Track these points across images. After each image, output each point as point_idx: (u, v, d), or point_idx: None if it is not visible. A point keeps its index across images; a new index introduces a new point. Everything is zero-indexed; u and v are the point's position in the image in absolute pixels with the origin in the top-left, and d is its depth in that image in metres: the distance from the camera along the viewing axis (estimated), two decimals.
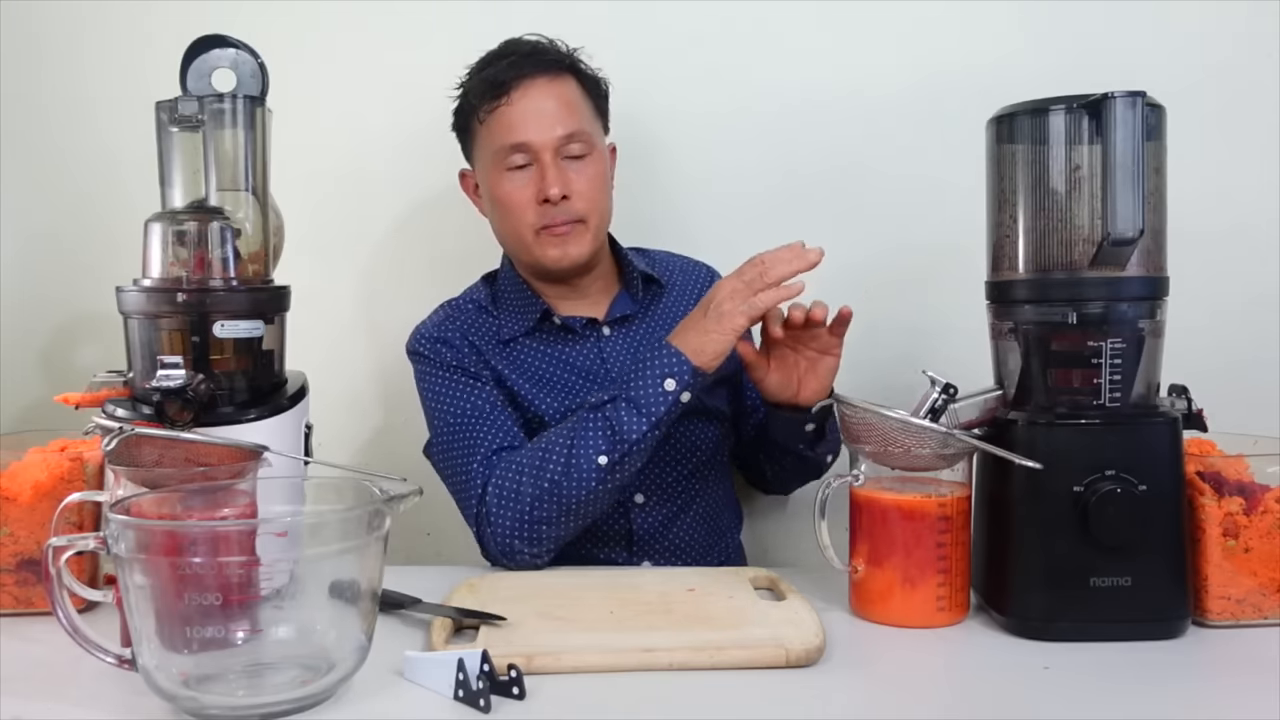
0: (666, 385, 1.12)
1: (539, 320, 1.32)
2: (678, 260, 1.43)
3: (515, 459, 1.17)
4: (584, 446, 1.13)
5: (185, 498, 0.84)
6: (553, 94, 1.27)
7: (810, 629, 0.88)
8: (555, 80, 1.27)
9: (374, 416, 1.60)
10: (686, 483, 1.30)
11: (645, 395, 1.12)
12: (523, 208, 1.27)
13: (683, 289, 1.39)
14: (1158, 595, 0.91)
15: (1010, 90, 1.00)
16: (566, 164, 1.26)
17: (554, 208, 1.25)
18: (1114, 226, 0.90)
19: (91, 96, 1.56)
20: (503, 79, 1.26)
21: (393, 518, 0.80)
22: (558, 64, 1.29)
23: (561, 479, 1.13)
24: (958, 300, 1.23)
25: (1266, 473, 0.96)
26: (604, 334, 1.33)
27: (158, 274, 1.02)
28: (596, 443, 1.13)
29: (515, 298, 1.34)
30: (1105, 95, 0.90)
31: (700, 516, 1.32)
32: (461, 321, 1.33)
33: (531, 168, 1.26)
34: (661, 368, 1.13)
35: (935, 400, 0.97)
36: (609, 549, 1.29)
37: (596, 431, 1.13)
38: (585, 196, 1.27)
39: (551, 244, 1.27)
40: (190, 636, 0.74)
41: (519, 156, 1.26)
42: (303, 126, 1.36)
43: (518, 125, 1.25)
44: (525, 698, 0.78)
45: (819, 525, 0.97)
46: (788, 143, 1.55)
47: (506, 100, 1.25)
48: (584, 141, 1.27)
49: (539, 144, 1.25)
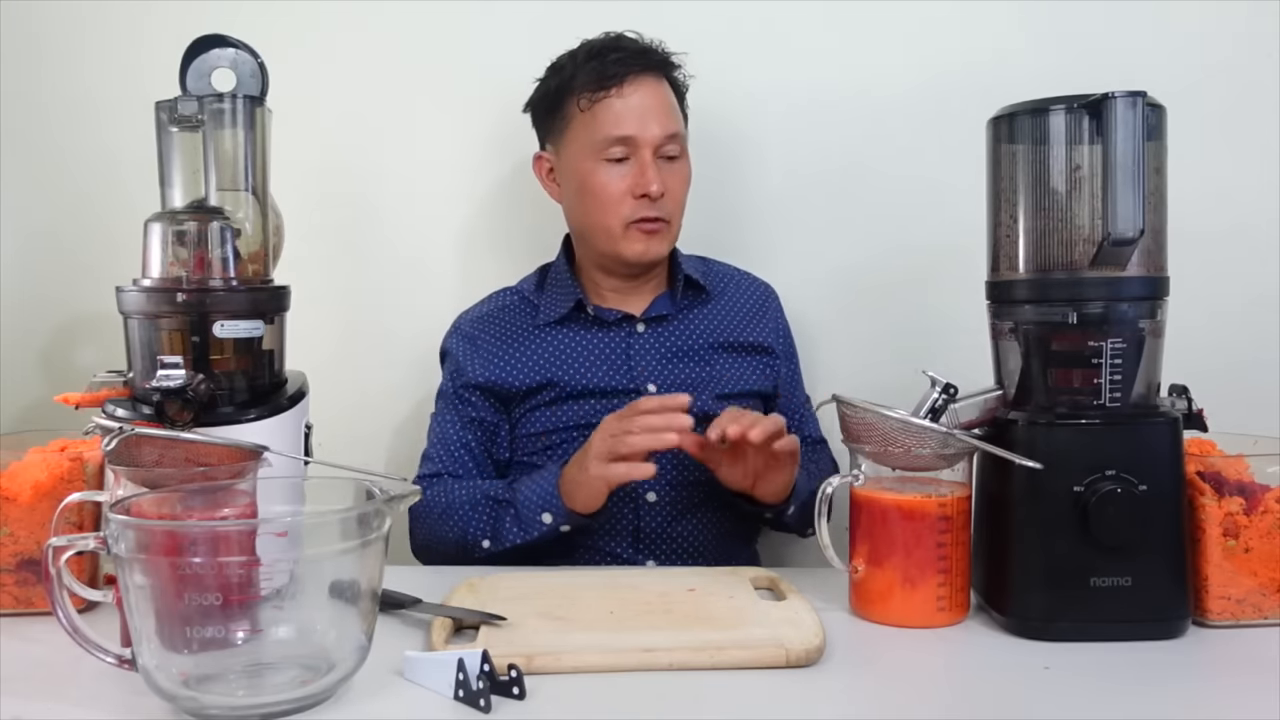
0: (544, 518, 1.19)
1: (572, 309, 1.34)
2: (735, 274, 1.46)
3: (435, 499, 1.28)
4: (474, 528, 1.23)
5: (185, 498, 0.84)
6: (659, 93, 1.31)
7: (810, 629, 0.88)
8: (660, 81, 1.32)
9: (374, 416, 1.60)
10: (701, 487, 1.30)
11: (526, 517, 1.20)
12: (617, 200, 1.29)
13: (731, 301, 1.41)
14: (1158, 595, 0.91)
15: (1010, 90, 1.00)
16: (662, 164, 1.30)
17: (650, 203, 1.28)
18: (1114, 226, 0.90)
19: (91, 96, 1.56)
20: (614, 71, 1.28)
21: (393, 518, 0.80)
22: (661, 66, 1.33)
23: (453, 542, 1.24)
24: (958, 300, 1.23)
25: (1266, 473, 0.96)
26: (638, 330, 1.35)
27: (158, 274, 1.02)
28: (483, 528, 1.23)
29: (558, 286, 1.38)
30: (1106, 95, 0.90)
31: (709, 521, 1.32)
32: (500, 317, 1.38)
33: (629, 161, 1.29)
34: (542, 498, 1.19)
35: (935, 400, 0.97)
36: (614, 542, 1.29)
37: (486, 522, 1.23)
38: (675, 197, 1.32)
39: (639, 239, 1.30)
40: (190, 636, 0.74)
41: (619, 149, 1.29)
42: (303, 126, 1.36)
43: (625, 118, 1.28)
44: (525, 698, 0.78)
45: (819, 525, 0.97)
46: (789, 143, 1.55)
47: (617, 93, 1.28)
48: (679, 143, 1.32)
49: (643, 140, 1.28)
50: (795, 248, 1.56)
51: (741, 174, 1.55)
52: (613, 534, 1.29)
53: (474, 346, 1.36)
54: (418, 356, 1.59)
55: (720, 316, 1.39)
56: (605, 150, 1.29)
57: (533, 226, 1.59)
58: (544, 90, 1.35)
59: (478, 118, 1.57)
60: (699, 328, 1.37)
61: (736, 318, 1.39)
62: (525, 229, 1.59)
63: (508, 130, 1.57)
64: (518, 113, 1.46)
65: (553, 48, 1.36)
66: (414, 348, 1.60)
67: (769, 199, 1.56)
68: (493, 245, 1.60)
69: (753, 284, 1.45)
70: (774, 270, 1.49)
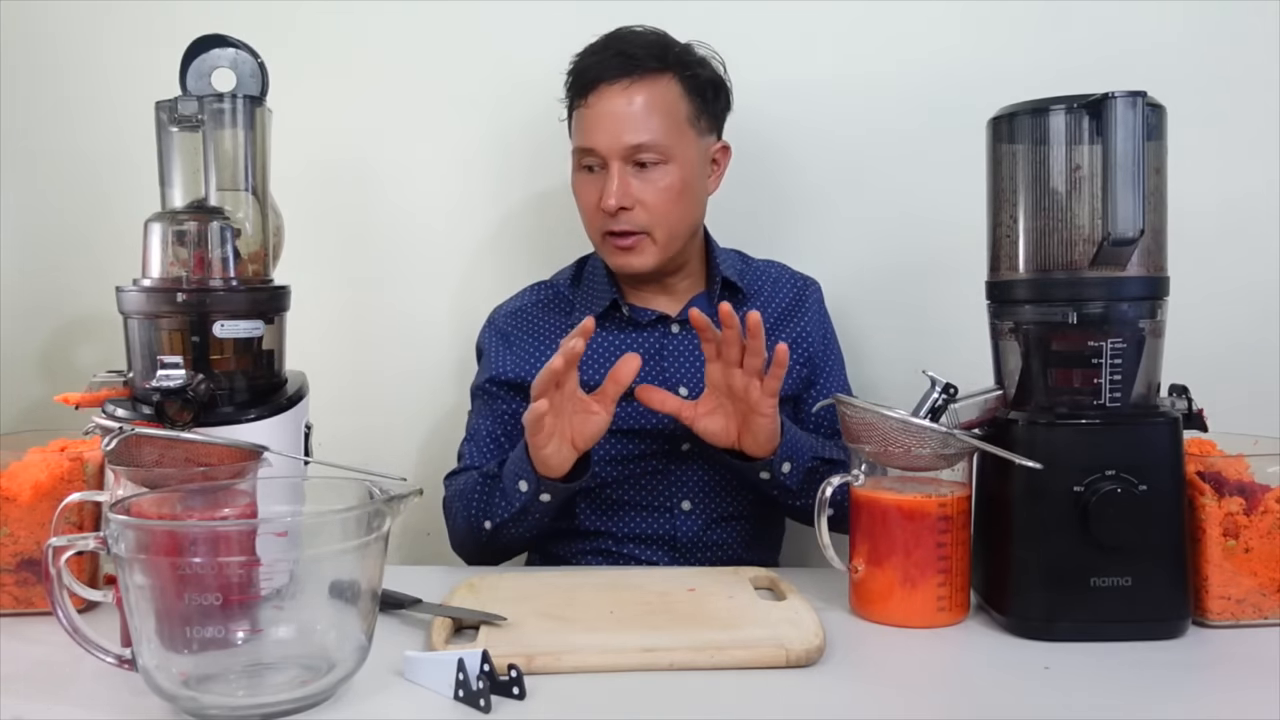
0: (520, 486, 1.14)
1: (607, 309, 1.32)
2: (774, 270, 1.41)
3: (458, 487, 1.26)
4: (474, 511, 1.20)
5: (185, 498, 0.84)
6: (634, 98, 1.23)
7: (810, 629, 0.88)
8: (641, 82, 1.24)
9: (374, 416, 1.59)
10: (734, 495, 1.29)
11: (508, 487, 1.16)
12: (591, 211, 1.28)
13: (767, 299, 1.36)
14: (1158, 595, 0.91)
15: (1010, 90, 1.00)
16: (635, 173, 1.24)
17: (613, 218, 1.25)
18: (1114, 226, 0.90)
19: (92, 96, 1.56)
20: (585, 79, 1.26)
21: (393, 518, 0.80)
22: (652, 63, 1.25)
23: (469, 522, 1.21)
24: (958, 300, 1.23)
25: (1267, 473, 0.96)
26: (672, 331, 1.33)
27: (158, 274, 1.02)
28: (482, 508, 1.20)
29: (594, 283, 1.35)
30: (1106, 95, 0.90)
31: (742, 528, 1.31)
32: (534, 313, 1.36)
33: (600, 173, 1.26)
34: (516, 465, 1.15)
35: (935, 400, 0.97)
36: (650, 551, 1.29)
37: (482, 502, 1.20)
38: (651, 209, 1.25)
39: (613, 252, 1.28)
40: (190, 636, 0.74)
41: (591, 159, 1.26)
42: (302, 126, 1.36)
43: (589, 129, 1.25)
44: (525, 698, 0.78)
45: (820, 525, 0.97)
46: (789, 142, 1.55)
47: (585, 103, 1.26)
48: (657, 151, 1.24)
49: (605, 151, 1.24)
50: (795, 248, 1.56)
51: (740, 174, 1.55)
52: (649, 543, 1.28)
53: (506, 342, 1.34)
54: (418, 356, 1.60)
55: None
56: (581, 159, 1.27)
57: (533, 226, 1.59)
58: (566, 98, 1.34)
59: (478, 117, 1.57)
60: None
61: (772, 318, 1.35)
62: (525, 230, 1.59)
63: (508, 130, 1.57)
64: (518, 112, 1.47)
65: (553, 47, 1.35)
66: (414, 347, 1.60)
67: (769, 199, 1.55)
68: (493, 245, 1.60)
69: (791, 280, 1.40)
70: None
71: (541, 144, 1.53)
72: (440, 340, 1.59)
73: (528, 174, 1.58)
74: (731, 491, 1.29)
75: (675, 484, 1.28)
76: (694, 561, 1.28)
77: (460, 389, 1.59)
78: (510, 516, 1.16)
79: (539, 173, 1.57)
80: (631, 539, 1.27)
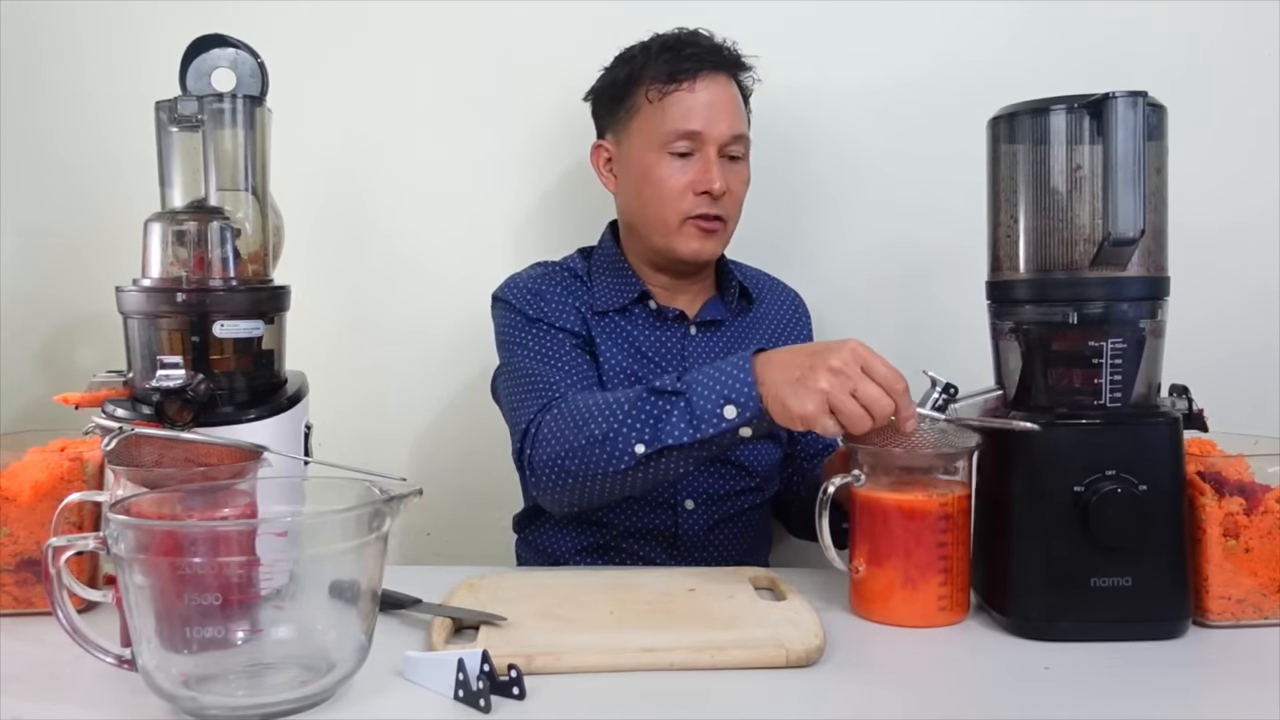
0: (726, 411, 0.99)
1: (634, 300, 1.32)
2: (767, 279, 1.45)
3: (573, 403, 1.11)
4: (628, 428, 1.04)
5: (185, 498, 0.84)
6: (729, 93, 1.29)
7: (810, 629, 0.88)
8: (731, 81, 1.31)
9: (374, 416, 1.59)
10: (736, 495, 1.30)
11: (703, 408, 1.01)
12: (678, 194, 1.27)
13: (770, 308, 1.40)
14: (1158, 595, 0.91)
15: (1010, 90, 1.00)
16: (725, 163, 1.28)
17: (712, 201, 1.27)
18: (1115, 226, 0.90)
19: (91, 96, 1.56)
20: (688, 65, 1.27)
21: (393, 518, 0.80)
22: (732, 66, 1.31)
23: (597, 446, 1.06)
24: (958, 300, 1.23)
25: (1267, 473, 0.96)
26: (690, 333, 1.34)
27: (157, 274, 1.02)
28: (640, 430, 1.03)
29: (612, 274, 1.34)
30: (1106, 95, 0.90)
31: (743, 528, 1.32)
32: (558, 283, 1.34)
33: (693, 157, 1.27)
34: (730, 386, 1.00)
35: (935, 400, 0.97)
36: (651, 548, 1.29)
37: (645, 419, 1.04)
38: (735, 198, 1.30)
39: (695, 236, 1.28)
40: (190, 636, 0.74)
41: (685, 143, 1.27)
42: (303, 126, 1.36)
43: (694, 113, 1.26)
44: (525, 698, 0.78)
45: (820, 525, 0.97)
46: (789, 142, 1.55)
47: (689, 87, 1.27)
48: (744, 145, 1.30)
49: (710, 136, 1.26)
50: (795, 248, 1.56)
51: None
52: (650, 538, 1.29)
53: (539, 297, 1.30)
54: (418, 356, 1.60)
55: (764, 325, 1.38)
56: (671, 144, 1.27)
57: (534, 225, 1.59)
58: (611, 79, 1.33)
59: (478, 117, 1.57)
60: (747, 336, 1.36)
61: (777, 326, 1.38)
62: (526, 228, 1.59)
63: (509, 129, 1.57)
64: (519, 111, 1.46)
65: (552, 47, 1.36)
66: (414, 347, 1.60)
67: (769, 199, 1.55)
68: (493, 245, 1.60)
69: (785, 291, 1.44)
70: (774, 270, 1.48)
71: (543, 144, 1.54)
72: (440, 340, 1.59)
73: (528, 173, 1.58)
74: (735, 494, 1.30)
75: (680, 482, 1.28)
76: (694, 561, 1.28)
77: (460, 389, 1.59)
78: (689, 442, 1.01)
79: (540, 172, 1.57)
80: (632, 534, 1.27)
